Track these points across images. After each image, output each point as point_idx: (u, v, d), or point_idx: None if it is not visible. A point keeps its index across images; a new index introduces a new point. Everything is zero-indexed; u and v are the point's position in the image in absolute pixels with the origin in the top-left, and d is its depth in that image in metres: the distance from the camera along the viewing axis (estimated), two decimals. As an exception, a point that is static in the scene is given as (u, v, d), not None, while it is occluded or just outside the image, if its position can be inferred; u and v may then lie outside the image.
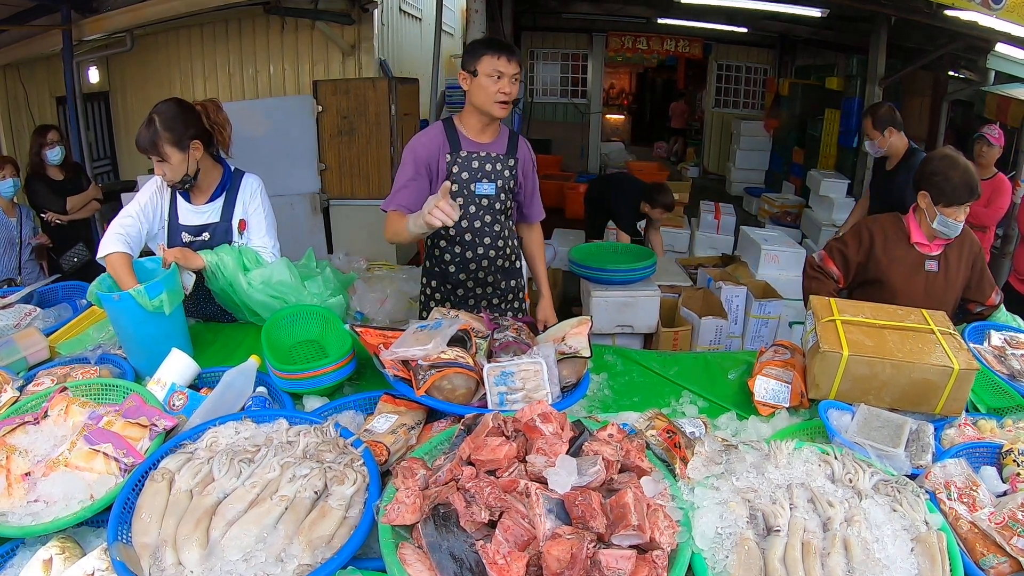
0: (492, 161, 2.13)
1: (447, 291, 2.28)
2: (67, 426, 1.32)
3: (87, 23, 5.05)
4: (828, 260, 2.30)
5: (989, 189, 3.90)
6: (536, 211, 2.36)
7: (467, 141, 2.11)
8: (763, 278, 4.26)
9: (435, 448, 1.28)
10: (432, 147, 2.09)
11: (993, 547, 1.11)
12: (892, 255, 2.21)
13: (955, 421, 1.51)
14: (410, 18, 7.43)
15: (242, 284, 1.97)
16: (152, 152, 1.93)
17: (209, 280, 2.00)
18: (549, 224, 6.42)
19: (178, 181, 2.00)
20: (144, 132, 1.92)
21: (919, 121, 6.90)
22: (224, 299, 2.06)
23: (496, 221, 2.19)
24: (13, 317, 2.00)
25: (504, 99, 2.00)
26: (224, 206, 2.12)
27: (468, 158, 2.10)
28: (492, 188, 2.14)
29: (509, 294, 2.36)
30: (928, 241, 2.18)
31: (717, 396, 1.75)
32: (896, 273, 2.20)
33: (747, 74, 10.50)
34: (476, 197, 2.13)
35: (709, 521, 1.07)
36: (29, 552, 1.11)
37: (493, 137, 2.15)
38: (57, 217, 4.16)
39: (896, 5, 5.02)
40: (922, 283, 2.18)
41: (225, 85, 5.98)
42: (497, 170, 2.14)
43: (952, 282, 2.18)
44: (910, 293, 2.16)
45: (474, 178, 2.11)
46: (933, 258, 2.18)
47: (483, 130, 2.12)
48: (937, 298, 2.11)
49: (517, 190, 2.24)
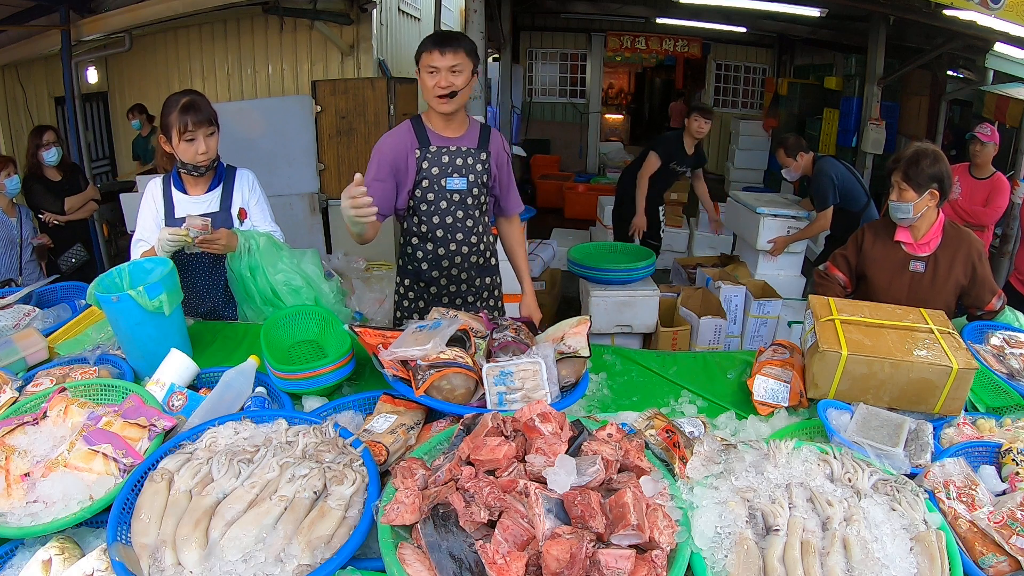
0: (463, 155, 2.11)
1: (421, 289, 2.26)
2: (66, 427, 1.32)
3: (85, 23, 5.04)
4: (832, 268, 2.36)
5: (987, 188, 3.91)
6: (513, 204, 2.34)
7: (435, 136, 2.10)
8: (762, 277, 4.26)
9: (434, 448, 1.28)
10: (400, 145, 2.07)
11: (992, 546, 1.11)
12: (877, 253, 2.24)
13: (954, 420, 1.51)
14: (409, 18, 7.43)
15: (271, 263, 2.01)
16: (206, 125, 2.04)
17: (232, 259, 2.02)
18: (549, 224, 6.44)
19: (213, 158, 2.10)
20: (201, 109, 2.03)
21: (917, 121, 6.91)
22: (238, 283, 2.07)
23: (469, 216, 2.17)
24: (12, 317, 2.00)
25: (442, 92, 1.97)
26: (222, 195, 2.16)
27: (438, 153, 2.09)
28: (463, 183, 2.12)
29: (484, 292, 2.34)
30: (913, 240, 2.19)
31: (716, 396, 1.75)
32: (878, 271, 2.22)
33: (746, 74, 10.51)
34: (447, 192, 2.12)
35: (708, 520, 1.07)
36: (28, 553, 1.11)
37: (461, 131, 2.14)
38: (55, 218, 4.16)
39: (894, 5, 5.02)
40: (906, 283, 2.20)
41: (224, 85, 5.97)
42: (468, 164, 2.12)
43: (941, 285, 2.18)
44: (893, 292, 2.18)
45: (444, 173, 2.10)
46: (920, 259, 2.19)
47: (447, 125, 2.10)
48: (921, 299, 2.11)
49: (491, 184, 2.22)
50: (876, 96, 6.19)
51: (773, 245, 4.39)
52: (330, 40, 5.65)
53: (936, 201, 2.14)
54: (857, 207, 4.12)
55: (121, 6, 4.96)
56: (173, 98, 2.05)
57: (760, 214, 4.37)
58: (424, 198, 2.12)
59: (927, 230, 2.18)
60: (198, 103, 2.03)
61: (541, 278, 4.59)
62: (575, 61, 10.47)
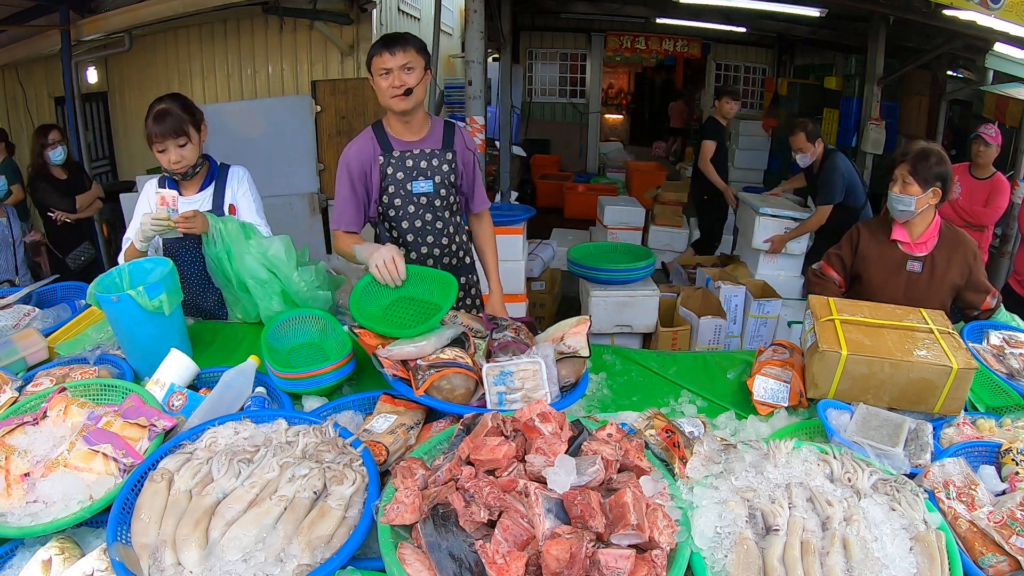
0: (427, 158, 2.11)
1: None
2: (66, 427, 1.32)
3: (85, 23, 5.04)
4: (827, 267, 2.35)
5: (987, 189, 3.91)
6: (479, 200, 2.32)
7: (397, 141, 2.09)
8: (762, 277, 4.26)
9: (434, 448, 1.28)
10: (364, 155, 2.07)
11: (992, 546, 1.11)
12: (873, 252, 2.23)
13: (954, 420, 1.51)
14: (409, 18, 7.43)
15: (239, 252, 1.97)
16: (175, 136, 2.02)
17: (207, 245, 2.00)
18: (549, 224, 6.44)
19: (192, 165, 2.10)
20: (169, 119, 2.01)
21: (917, 121, 6.90)
22: (216, 269, 2.05)
23: (438, 219, 2.17)
24: (12, 317, 2.00)
25: (397, 92, 1.96)
26: (215, 194, 2.18)
27: (402, 158, 2.08)
28: (429, 185, 2.11)
29: (462, 291, 2.33)
30: (910, 240, 2.18)
31: (716, 396, 1.75)
32: (874, 270, 2.21)
33: (746, 74, 10.50)
34: (414, 196, 2.11)
35: (708, 520, 1.07)
36: (28, 553, 1.11)
37: (423, 133, 2.12)
38: (65, 216, 4.16)
39: (894, 5, 5.01)
40: (902, 283, 2.18)
41: (223, 85, 5.97)
42: (434, 166, 2.11)
43: (938, 285, 2.17)
44: (889, 292, 2.17)
45: (410, 177, 2.09)
46: (917, 259, 2.18)
47: (407, 128, 2.09)
48: (918, 299, 2.09)
49: (459, 183, 2.21)
50: (876, 96, 6.19)
51: (771, 244, 4.40)
52: (330, 40, 5.65)
53: (936, 200, 2.13)
54: (858, 204, 4.15)
55: (121, 6, 4.96)
56: (152, 104, 2.05)
57: (761, 214, 4.37)
58: (392, 204, 2.11)
59: (924, 229, 2.17)
60: (168, 112, 2.02)
61: (541, 278, 4.60)
62: (575, 61, 10.46)
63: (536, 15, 9.67)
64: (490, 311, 2.28)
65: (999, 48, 4.92)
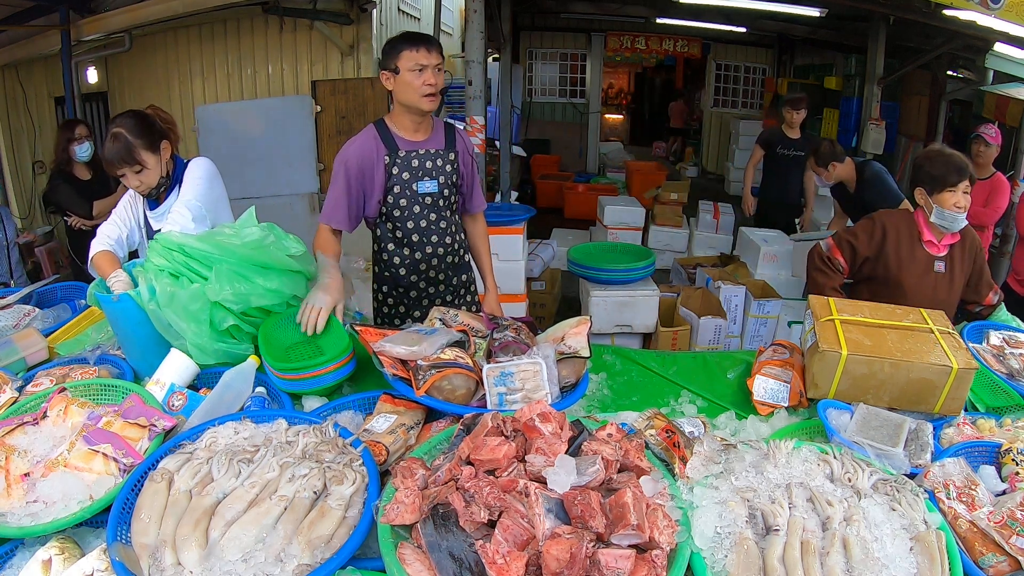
0: (432, 158, 2.11)
1: (400, 295, 2.25)
2: (66, 427, 1.32)
3: (85, 23, 5.03)
4: (836, 250, 2.26)
5: (987, 189, 3.90)
6: (478, 202, 2.34)
7: (403, 141, 2.08)
8: (762, 277, 4.26)
9: (434, 448, 1.28)
10: (366, 153, 2.05)
11: (992, 546, 1.11)
12: (906, 255, 2.17)
13: (954, 420, 1.51)
14: (408, 18, 7.42)
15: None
16: (128, 163, 1.95)
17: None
18: (549, 224, 6.44)
19: (155, 186, 2.03)
20: (113, 147, 1.93)
21: (917, 121, 6.90)
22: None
23: (442, 218, 2.17)
24: (12, 317, 2.00)
25: (430, 91, 1.97)
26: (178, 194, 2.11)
27: (407, 157, 2.07)
28: (434, 185, 2.12)
29: (461, 289, 2.34)
30: (936, 241, 2.16)
31: (716, 396, 1.76)
32: (909, 274, 2.16)
33: (746, 74, 10.50)
34: (419, 196, 2.11)
35: (708, 520, 1.07)
36: (28, 553, 1.11)
37: (428, 133, 2.13)
38: (82, 222, 4.02)
39: (894, 5, 5.01)
40: (932, 284, 2.17)
41: (223, 85, 5.96)
42: (438, 166, 2.12)
43: (956, 283, 2.18)
44: (920, 294, 2.13)
45: (416, 177, 2.09)
46: (941, 259, 2.17)
47: (417, 128, 2.09)
48: (942, 299, 2.10)
49: (460, 183, 2.21)
50: (876, 96, 6.19)
51: None
52: (330, 40, 5.65)
53: None
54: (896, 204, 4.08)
55: (121, 6, 4.95)
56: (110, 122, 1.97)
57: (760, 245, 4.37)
58: (396, 204, 2.11)
59: None
60: (116, 138, 1.91)
61: (541, 278, 4.60)
62: (575, 61, 10.46)
63: (536, 15, 9.68)
64: (487, 309, 2.28)
65: (999, 48, 4.92)
